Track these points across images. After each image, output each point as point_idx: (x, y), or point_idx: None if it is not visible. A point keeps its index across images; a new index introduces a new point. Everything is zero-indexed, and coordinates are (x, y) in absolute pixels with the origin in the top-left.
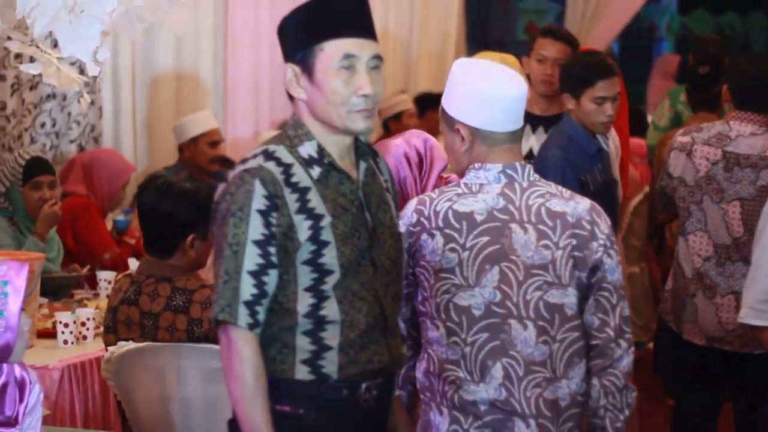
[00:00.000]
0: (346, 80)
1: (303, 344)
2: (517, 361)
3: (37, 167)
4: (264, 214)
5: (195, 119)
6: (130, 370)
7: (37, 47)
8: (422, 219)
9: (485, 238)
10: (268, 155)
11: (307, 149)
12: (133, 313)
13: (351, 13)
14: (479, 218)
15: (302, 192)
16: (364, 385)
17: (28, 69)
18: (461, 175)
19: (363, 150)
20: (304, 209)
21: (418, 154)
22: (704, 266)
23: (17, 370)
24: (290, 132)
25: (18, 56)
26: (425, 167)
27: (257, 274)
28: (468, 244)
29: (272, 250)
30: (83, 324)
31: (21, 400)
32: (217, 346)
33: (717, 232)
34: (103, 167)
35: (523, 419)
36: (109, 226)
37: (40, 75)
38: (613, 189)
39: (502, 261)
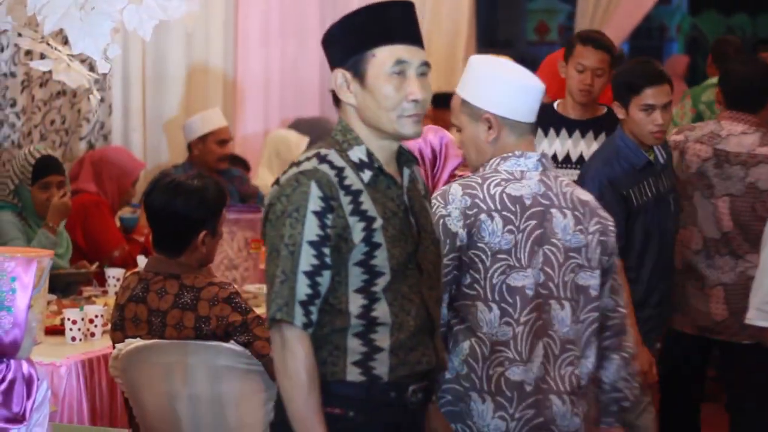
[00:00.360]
0: (397, 85)
1: (354, 346)
2: (554, 340)
3: (46, 167)
4: (319, 215)
5: (204, 117)
6: (137, 367)
7: (48, 44)
8: (477, 201)
9: (533, 222)
10: (321, 158)
11: (357, 153)
12: (141, 311)
13: (402, 21)
14: (527, 202)
15: (355, 194)
16: (411, 388)
17: (39, 66)
18: (475, 169)
19: (406, 157)
20: (358, 211)
21: (433, 150)
22: (694, 259)
23: (25, 367)
24: (339, 137)
25: (28, 53)
26: (438, 164)
27: (312, 275)
28: (521, 227)
29: (326, 251)
30: (91, 321)
31: (28, 396)
32: (224, 344)
33: (707, 226)
34: (113, 165)
35: (559, 396)
36: (117, 223)
37: (50, 72)
38: (667, 204)
39: (545, 244)
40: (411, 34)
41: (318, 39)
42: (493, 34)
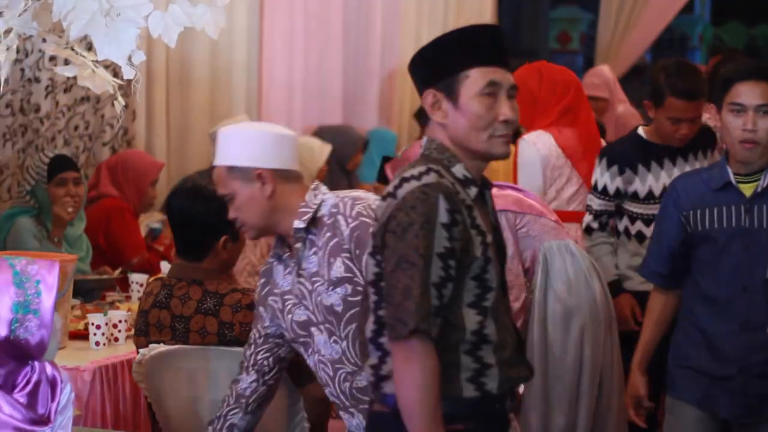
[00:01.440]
0: (489, 106)
1: (466, 362)
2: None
3: (61, 164)
4: (447, 228)
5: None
6: (161, 372)
7: (72, 49)
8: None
9: None
10: (437, 172)
11: (460, 170)
12: (165, 316)
13: (494, 44)
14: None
15: (469, 209)
16: (508, 399)
17: (64, 72)
18: (263, 230)
19: (484, 180)
20: (474, 225)
21: None
22: None
23: (48, 369)
24: (435, 154)
25: (52, 59)
26: None
27: (439, 287)
28: None
29: (452, 263)
30: (115, 326)
31: (53, 398)
32: None
33: None
34: (129, 167)
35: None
36: (144, 231)
37: (74, 78)
38: (761, 247)
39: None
40: (502, 57)
41: (341, 46)
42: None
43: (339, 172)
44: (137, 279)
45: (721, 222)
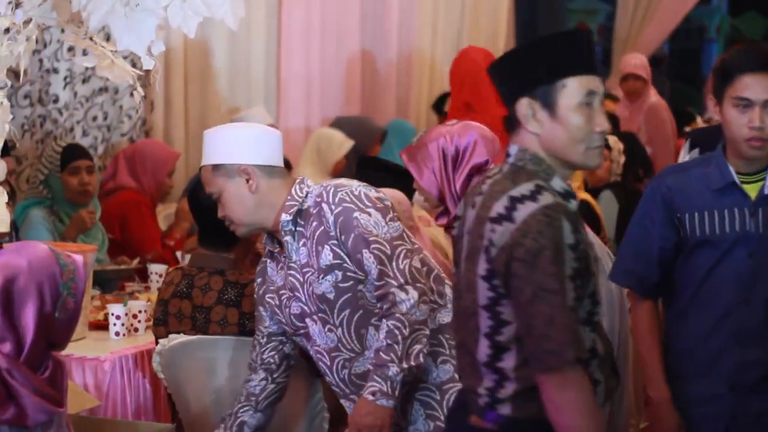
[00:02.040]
0: (587, 117)
1: None
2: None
3: (73, 153)
4: (573, 248)
5: (250, 116)
6: (180, 362)
7: (91, 40)
8: None
9: None
10: (547, 189)
11: (558, 183)
12: (185, 306)
13: (588, 50)
14: None
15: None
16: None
17: (84, 62)
18: (254, 226)
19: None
20: (584, 240)
21: (456, 149)
22: None
23: (56, 354)
24: (531, 166)
25: (71, 49)
26: (461, 164)
27: (574, 310)
28: None
29: (580, 283)
30: (135, 316)
31: (63, 381)
32: None
33: None
34: (146, 157)
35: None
36: (162, 222)
37: (92, 68)
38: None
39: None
40: (595, 64)
41: (359, 37)
42: (533, 34)
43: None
44: (156, 269)
45: (723, 227)
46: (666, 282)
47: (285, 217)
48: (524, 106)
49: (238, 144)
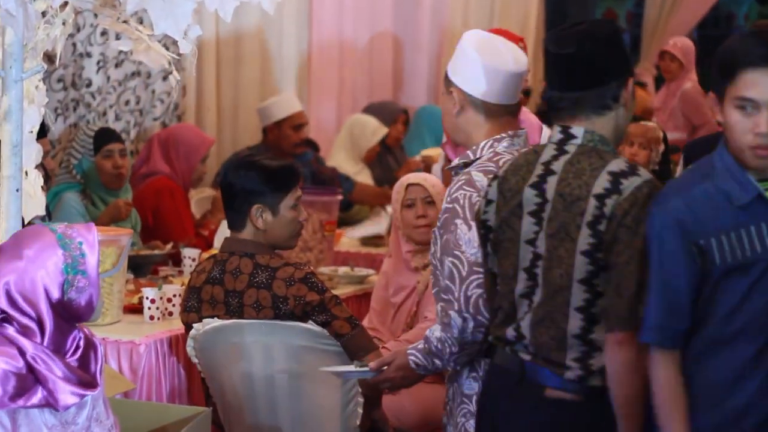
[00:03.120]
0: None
1: None
2: None
3: (106, 136)
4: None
5: (279, 102)
6: (215, 347)
7: (125, 23)
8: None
9: None
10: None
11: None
12: (218, 292)
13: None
14: None
15: None
16: None
17: (119, 46)
18: (458, 143)
19: None
20: None
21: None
22: None
23: (87, 332)
24: (601, 147)
25: (104, 33)
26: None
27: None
28: None
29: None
30: (169, 300)
31: (96, 361)
32: (302, 324)
33: None
34: (180, 142)
35: None
36: (194, 206)
37: (125, 53)
38: None
39: None
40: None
41: (392, 22)
42: (562, 19)
43: (382, 148)
44: (190, 254)
45: (754, 248)
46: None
47: (455, 161)
48: (627, 91)
49: (465, 68)
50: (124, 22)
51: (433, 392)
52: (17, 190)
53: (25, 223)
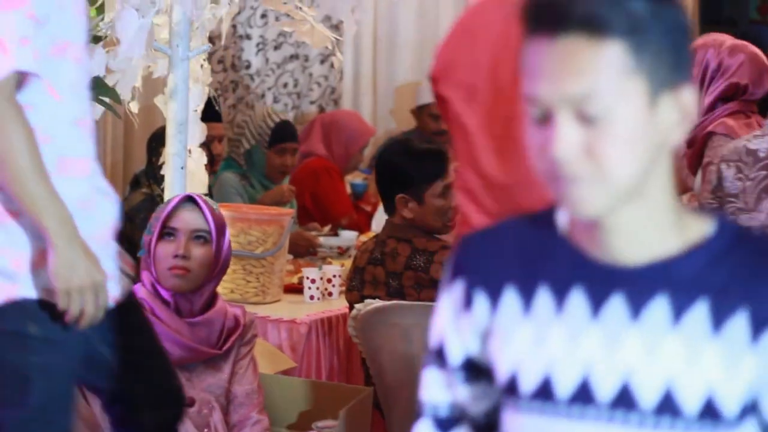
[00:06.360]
0: None
1: None
2: None
3: (284, 133)
4: None
5: (423, 87)
6: (375, 328)
7: (286, 4)
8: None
9: (764, 173)
10: None
11: None
12: (379, 273)
13: None
14: (761, 155)
15: None
16: None
17: (282, 27)
18: None
19: None
20: None
21: (719, 65)
22: None
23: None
24: None
25: (263, 16)
26: (719, 80)
27: None
28: (751, 176)
29: None
30: (329, 281)
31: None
32: None
33: None
34: (343, 129)
35: None
36: (348, 188)
37: (283, 35)
38: None
39: None
40: None
41: None
42: (717, 12)
43: None
44: (348, 236)
45: None
46: None
47: None
48: None
49: None
50: (285, 3)
51: None
52: (182, 168)
53: None
